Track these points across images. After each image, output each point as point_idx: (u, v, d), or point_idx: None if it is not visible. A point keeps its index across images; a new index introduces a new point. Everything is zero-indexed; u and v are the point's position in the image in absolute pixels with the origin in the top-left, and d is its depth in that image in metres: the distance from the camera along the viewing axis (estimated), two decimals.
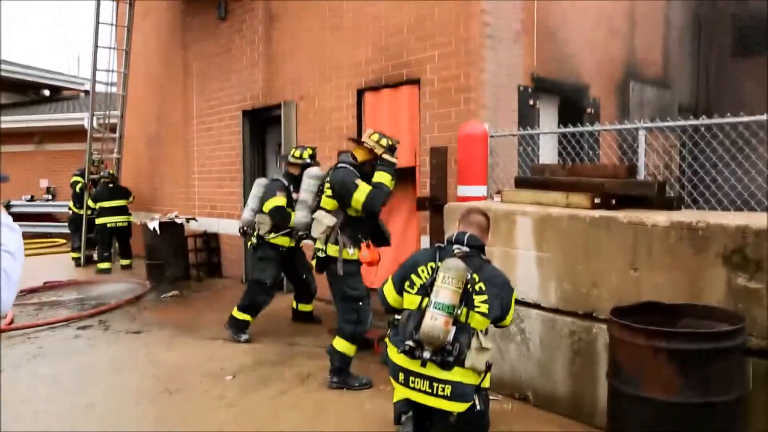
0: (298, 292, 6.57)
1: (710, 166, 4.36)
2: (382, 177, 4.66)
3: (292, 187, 5.94)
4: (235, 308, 5.96)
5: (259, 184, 6.34)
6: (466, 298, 3.12)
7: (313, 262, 4.94)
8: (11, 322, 6.55)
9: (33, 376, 4.97)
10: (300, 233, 5.84)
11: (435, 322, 3.01)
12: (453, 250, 3.25)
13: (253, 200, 6.25)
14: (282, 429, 3.91)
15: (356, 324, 4.70)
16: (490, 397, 3.90)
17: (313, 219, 4.87)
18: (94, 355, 5.58)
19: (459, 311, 3.07)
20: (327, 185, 4.84)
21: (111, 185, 10.31)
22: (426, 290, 3.16)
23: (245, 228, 6.34)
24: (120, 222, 10.13)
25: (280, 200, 5.84)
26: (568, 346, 3.99)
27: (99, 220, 10.07)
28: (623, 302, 3.38)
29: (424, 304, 3.13)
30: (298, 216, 5.40)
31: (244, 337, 5.89)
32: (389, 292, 3.37)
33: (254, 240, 6.07)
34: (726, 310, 3.14)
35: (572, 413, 3.97)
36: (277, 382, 4.77)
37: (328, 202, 4.80)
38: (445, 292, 3.04)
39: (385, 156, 4.74)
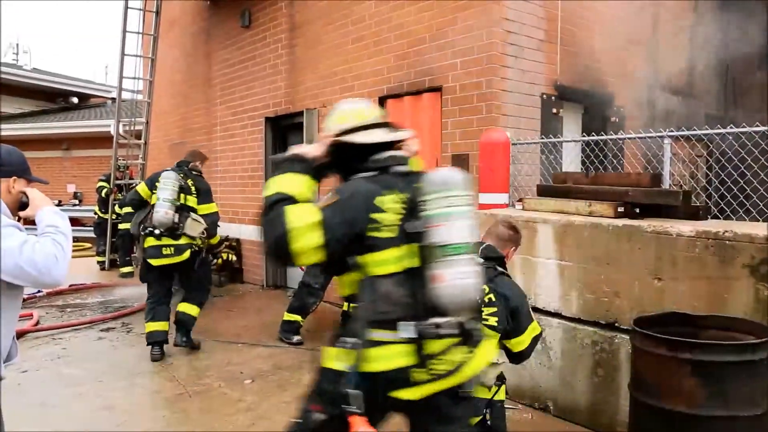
0: None
1: (738, 176, 4.27)
2: None
3: None
4: (286, 312, 6.04)
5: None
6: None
7: None
8: (37, 323, 6.65)
9: (56, 377, 5.03)
10: None
11: None
12: None
13: None
14: None
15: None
16: (509, 406, 3.88)
17: None
18: (116, 356, 5.63)
19: None
20: None
21: None
22: None
23: None
24: None
25: None
26: (590, 356, 3.93)
27: (122, 226, 10.19)
28: (646, 312, 3.33)
29: None
30: None
31: (296, 338, 5.96)
32: None
33: None
34: (752, 322, 3.07)
35: (593, 424, 3.91)
36: (295, 387, 4.77)
37: None
38: None
39: None
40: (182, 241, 5.49)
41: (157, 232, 5.42)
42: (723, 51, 8.33)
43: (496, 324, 3.08)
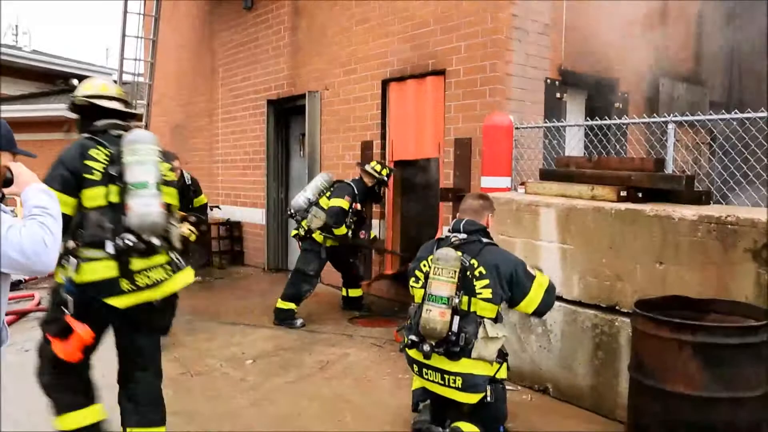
0: (346, 278, 6.57)
1: (741, 162, 4.27)
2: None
3: (358, 198, 6.01)
4: (279, 299, 6.02)
5: (325, 179, 6.30)
6: (465, 285, 3.12)
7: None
8: (38, 303, 6.67)
9: None
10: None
11: (429, 314, 3.05)
12: (451, 239, 3.26)
13: (313, 190, 6.18)
14: (300, 414, 3.94)
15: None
16: (509, 388, 3.91)
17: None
18: None
19: (458, 300, 3.07)
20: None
21: None
22: (426, 283, 3.18)
23: (292, 212, 6.27)
24: None
25: (343, 203, 5.88)
26: (590, 339, 3.95)
27: None
28: (648, 296, 3.33)
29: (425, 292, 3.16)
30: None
31: (299, 322, 5.97)
32: (413, 291, 3.42)
33: (302, 231, 6.09)
34: (754, 306, 3.08)
35: (592, 406, 3.94)
36: (297, 368, 4.80)
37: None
38: (437, 283, 3.06)
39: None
40: None
41: None
42: (729, 37, 8.28)
43: (490, 296, 3.12)
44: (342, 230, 5.92)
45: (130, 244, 2.72)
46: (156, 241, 2.79)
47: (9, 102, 17.49)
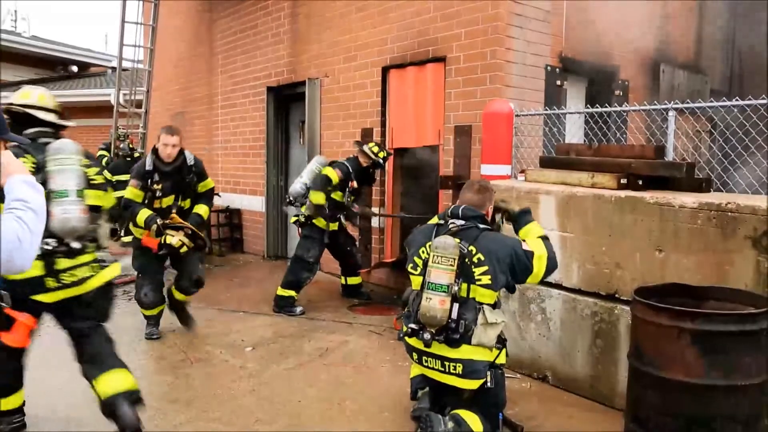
0: (344, 266, 6.56)
1: (742, 149, 4.25)
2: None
3: (353, 175, 5.95)
4: (279, 287, 6.02)
5: (320, 161, 6.26)
6: (464, 272, 3.12)
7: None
8: None
9: (57, 341, 5.04)
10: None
11: (429, 302, 3.05)
12: (449, 226, 3.26)
13: (309, 174, 6.15)
14: (300, 400, 3.95)
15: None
16: (508, 376, 3.91)
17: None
18: (117, 323, 5.62)
19: (457, 287, 3.07)
20: None
21: (129, 159, 10.48)
22: (426, 269, 3.18)
23: (291, 199, 6.25)
24: None
25: (331, 172, 5.85)
26: (589, 327, 3.95)
27: (117, 194, 10.25)
28: (647, 284, 3.33)
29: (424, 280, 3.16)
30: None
31: (299, 309, 5.96)
32: (411, 277, 3.41)
33: (302, 218, 6.06)
34: (753, 294, 3.08)
35: (591, 394, 3.95)
36: (296, 355, 4.81)
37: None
38: (437, 271, 3.06)
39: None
40: None
41: None
42: (730, 25, 8.23)
43: (489, 282, 3.12)
44: (319, 197, 5.79)
45: (49, 248, 2.97)
46: (76, 245, 3.05)
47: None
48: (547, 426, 3.59)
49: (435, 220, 3.45)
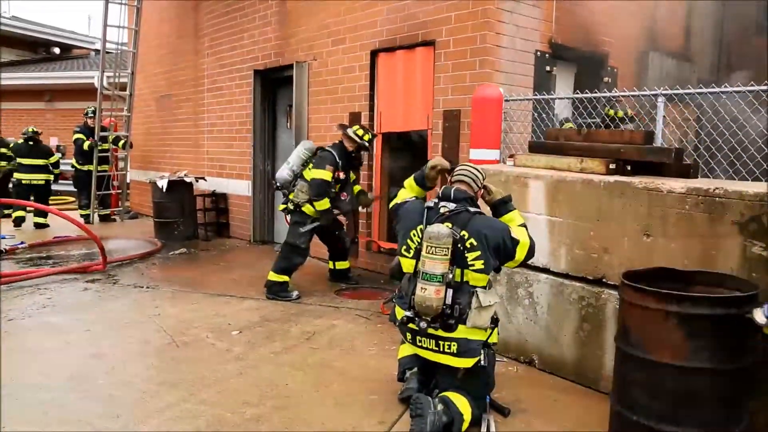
0: (332, 251, 6.53)
1: (729, 135, 4.28)
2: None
3: (340, 165, 5.87)
4: (271, 272, 5.96)
5: (306, 147, 6.13)
6: (458, 258, 3.12)
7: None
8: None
9: (42, 326, 5.02)
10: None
11: (425, 293, 3.05)
12: (439, 209, 3.25)
13: (296, 160, 6.05)
14: (288, 383, 3.94)
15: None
16: (495, 359, 3.92)
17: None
18: (103, 307, 5.61)
19: (451, 275, 3.08)
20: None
21: (32, 143, 10.50)
22: (418, 254, 3.17)
23: (278, 185, 6.17)
24: (36, 180, 10.51)
25: (325, 174, 5.75)
26: (576, 312, 3.97)
27: (17, 176, 10.61)
28: (635, 268, 3.34)
29: (418, 268, 3.16)
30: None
31: (294, 294, 5.94)
32: (401, 260, 3.40)
33: (290, 205, 6.00)
34: (740, 279, 3.10)
35: (577, 378, 3.97)
36: (283, 338, 4.79)
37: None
38: (431, 262, 3.06)
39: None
40: None
41: None
42: (720, 14, 8.26)
43: (482, 267, 3.13)
44: (324, 204, 5.79)
45: None
46: None
47: None
48: (533, 409, 3.61)
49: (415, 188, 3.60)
